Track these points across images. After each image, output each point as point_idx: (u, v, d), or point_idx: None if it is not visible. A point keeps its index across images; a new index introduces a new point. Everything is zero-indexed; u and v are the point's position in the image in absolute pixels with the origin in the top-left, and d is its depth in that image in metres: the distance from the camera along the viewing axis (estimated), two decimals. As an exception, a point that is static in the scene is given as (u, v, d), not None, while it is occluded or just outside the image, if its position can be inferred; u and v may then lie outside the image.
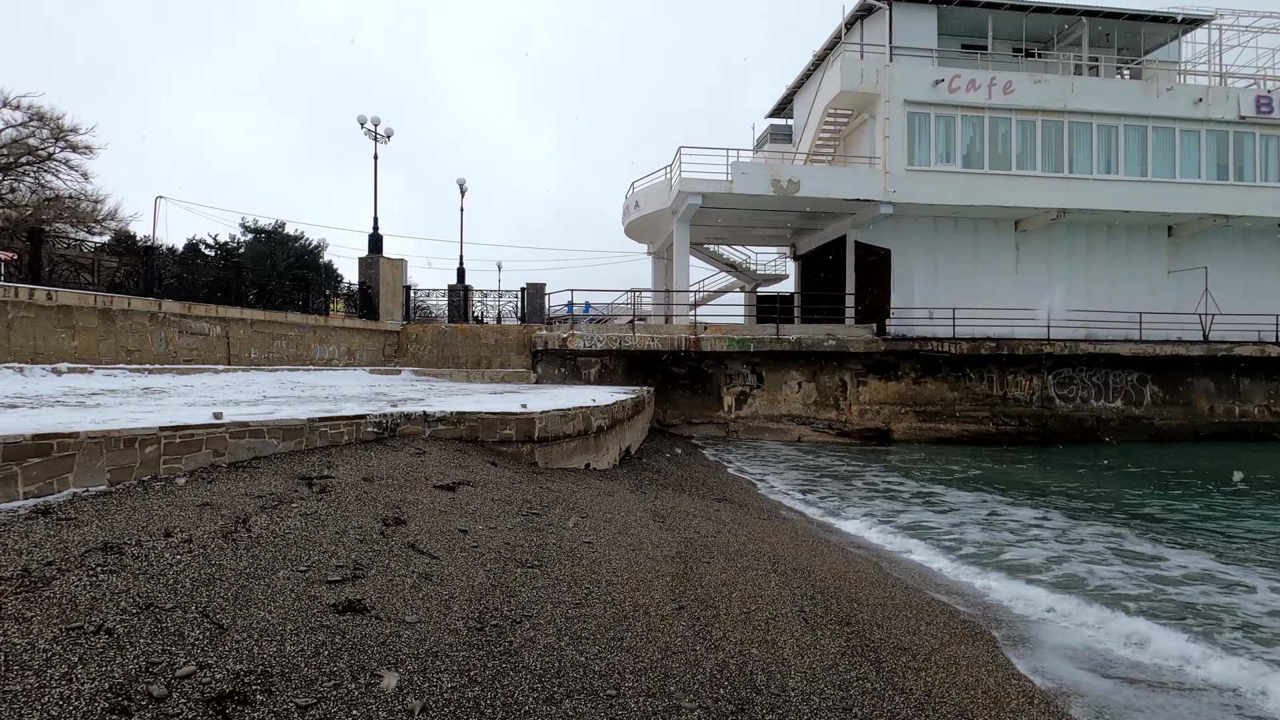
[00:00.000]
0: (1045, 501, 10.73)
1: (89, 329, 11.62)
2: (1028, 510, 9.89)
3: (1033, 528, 8.77)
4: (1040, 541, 8.02)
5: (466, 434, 6.97)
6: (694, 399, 19.40)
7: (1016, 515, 9.54)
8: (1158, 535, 8.44)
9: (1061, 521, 9.17)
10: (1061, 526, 8.86)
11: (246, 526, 3.84)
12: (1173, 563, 7.18)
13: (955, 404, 19.85)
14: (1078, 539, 8.16)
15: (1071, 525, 8.93)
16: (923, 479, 12.81)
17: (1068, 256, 21.45)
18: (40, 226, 10.78)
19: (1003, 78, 19.55)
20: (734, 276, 29.04)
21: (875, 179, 19.22)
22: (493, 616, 3.35)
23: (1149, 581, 6.50)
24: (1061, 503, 10.68)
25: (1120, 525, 8.97)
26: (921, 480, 12.68)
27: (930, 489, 11.76)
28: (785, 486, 11.62)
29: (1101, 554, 7.47)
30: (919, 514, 9.60)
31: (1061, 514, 9.64)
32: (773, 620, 4.06)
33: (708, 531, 6.23)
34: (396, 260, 18.89)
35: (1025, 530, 8.64)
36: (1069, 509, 10.09)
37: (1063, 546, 7.77)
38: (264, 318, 14.70)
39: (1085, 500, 10.98)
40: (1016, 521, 9.15)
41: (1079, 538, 8.21)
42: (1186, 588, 6.36)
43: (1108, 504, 10.65)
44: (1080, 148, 20.16)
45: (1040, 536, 8.29)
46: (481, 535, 4.57)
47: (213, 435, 4.94)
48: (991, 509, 9.99)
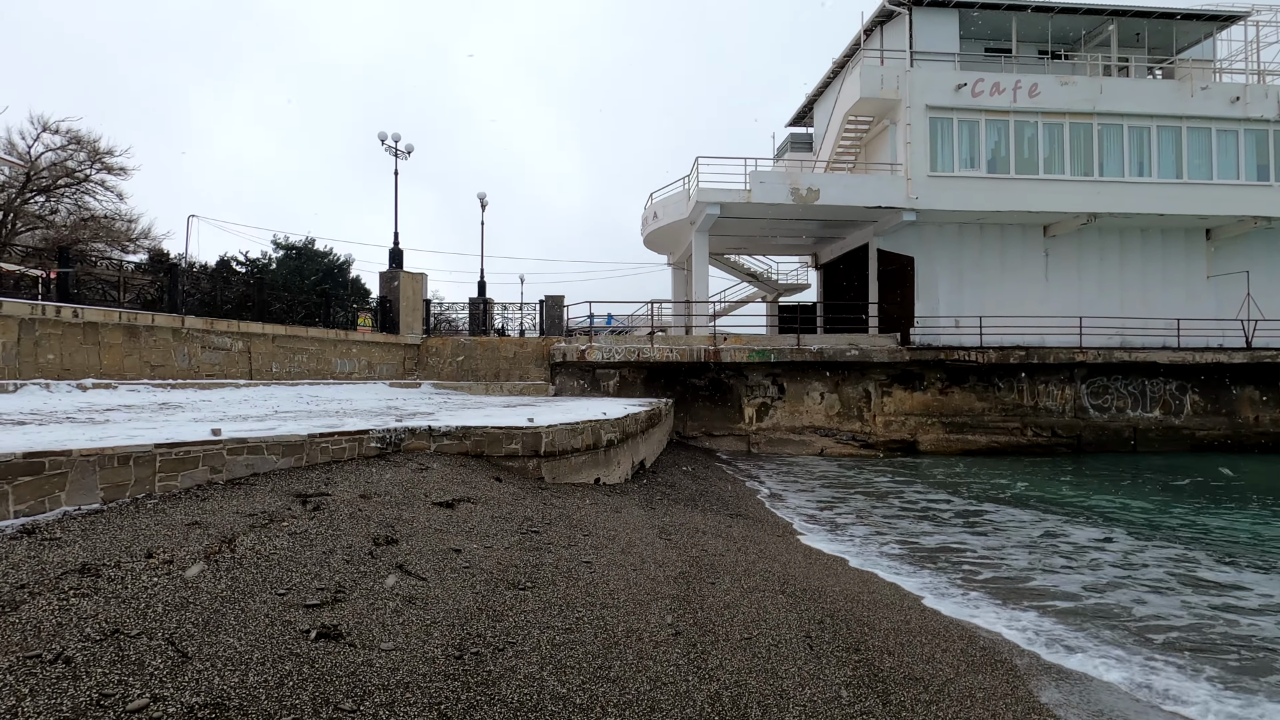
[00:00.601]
0: (1100, 517, 10.02)
1: (114, 345, 11.85)
2: (1086, 530, 9.12)
3: (1090, 550, 8.06)
4: (1093, 568, 7.32)
5: (472, 449, 6.88)
6: (714, 411, 19.16)
7: (1073, 536, 8.79)
8: (1232, 557, 7.75)
9: (1127, 543, 8.44)
10: (1125, 548, 8.15)
11: (231, 547, 3.76)
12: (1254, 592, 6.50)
13: (984, 414, 19.31)
14: (1140, 563, 7.51)
15: (1138, 547, 8.22)
16: (968, 496, 12.04)
17: (1100, 262, 20.81)
18: (67, 246, 11.03)
19: (1028, 80, 19.11)
20: (755, 287, 28.78)
21: (897, 186, 18.89)
22: (474, 643, 3.21)
23: (1218, 616, 5.88)
24: (1118, 516, 10.01)
25: (1190, 547, 8.28)
26: (966, 497, 11.88)
27: (974, 506, 11.05)
28: (803, 502, 11.24)
29: (1166, 582, 6.82)
30: (955, 534, 8.95)
31: (1125, 532, 8.91)
32: (775, 646, 3.86)
33: (716, 550, 6.03)
34: (417, 274, 19.04)
35: (1082, 554, 7.91)
36: (1130, 525, 9.37)
37: (1119, 572, 7.13)
38: (285, 332, 14.88)
39: (1141, 515, 10.28)
40: (1070, 543, 8.42)
41: (1141, 562, 7.58)
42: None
43: (1167, 521, 9.95)
44: (1111, 150, 19.60)
45: (1099, 561, 7.60)
46: (475, 555, 4.44)
47: (210, 452, 4.90)
48: (1046, 529, 9.23)
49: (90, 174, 23.03)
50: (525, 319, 21.74)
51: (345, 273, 36.14)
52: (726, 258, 26.93)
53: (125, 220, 24.39)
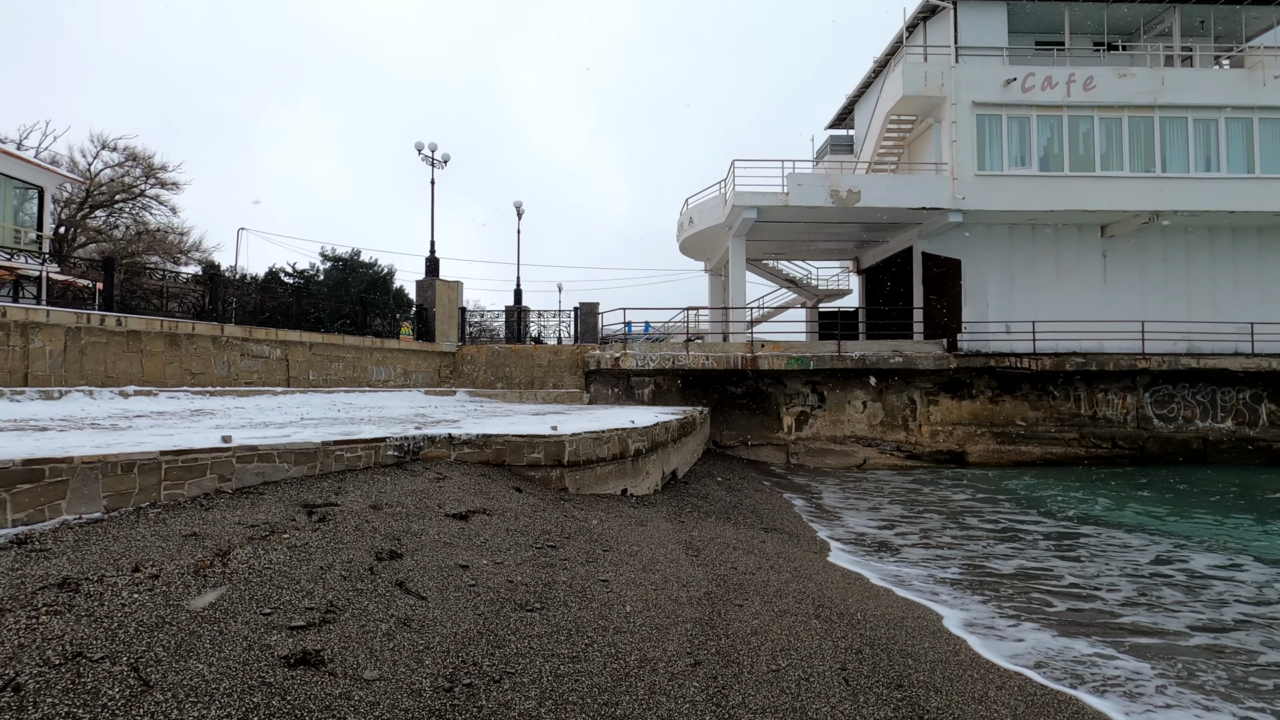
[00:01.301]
0: (1213, 539, 8.91)
1: (156, 353, 12.08)
2: (1205, 555, 8.04)
3: (1216, 581, 7.00)
4: (1217, 604, 6.33)
5: (493, 458, 6.65)
6: (752, 420, 18.66)
7: (1192, 562, 7.74)
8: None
9: (1258, 571, 7.30)
10: (1259, 578, 7.05)
11: (224, 560, 3.57)
12: None
13: (1038, 424, 18.34)
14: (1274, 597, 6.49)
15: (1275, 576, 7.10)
16: (1057, 515, 10.83)
17: (1164, 263, 19.63)
18: (112, 257, 11.29)
19: (1082, 73, 18.19)
20: (794, 292, 28.17)
21: (942, 186, 18.16)
22: (468, 673, 2.92)
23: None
24: (1237, 539, 8.87)
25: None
26: (1057, 516, 10.69)
27: (1067, 526, 9.86)
28: (862, 519, 10.40)
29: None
30: (1039, 558, 8.00)
31: (1253, 560, 7.81)
32: (806, 681, 3.48)
33: (747, 567, 5.65)
34: (452, 283, 19.11)
35: (1205, 585, 6.88)
36: (1262, 552, 8.22)
37: (1251, 609, 6.15)
38: (322, 340, 15.02)
39: (1263, 537, 9.15)
40: (1187, 570, 7.40)
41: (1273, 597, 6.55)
42: None
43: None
44: (1174, 144, 18.49)
45: (1226, 595, 6.56)
46: (484, 571, 4.17)
47: (218, 460, 4.76)
48: (1157, 553, 8.18)
49: (145, 189, 23.93)
50: (561, 327, 21.65)
51: (389, 283, 36.92)
52: (765, 263, 26.41)
53: (178, 233, 25.29)
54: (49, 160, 21.82)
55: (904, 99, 18.55)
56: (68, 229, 23.25)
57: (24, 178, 18.52)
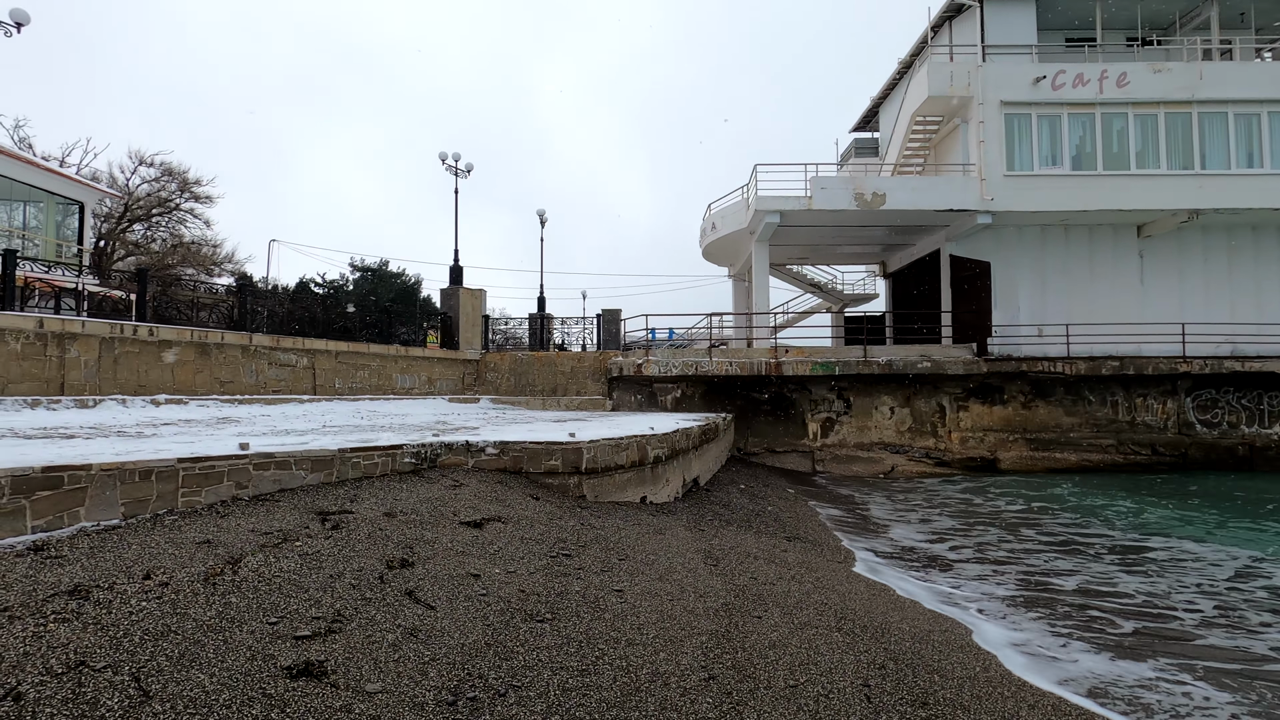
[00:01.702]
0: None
1: (186, 362, 12.32)
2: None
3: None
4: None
5: (510, 465, 6.61)
6: (776, 426, 18.43)
7: (1277, 579, 7.19)
8: None
9: None
10: None
11: (235, 568, 3.55)
12: None
13: (1072, 430, 17.81)
14: None
15: None
16: (1119, 525, 10.27)
17: (1204, 264, 18.98)
18: (145, 269, 11.56)
19: (1115, 70, 17.72)
20: (820, 298, 27.84)
21: (970, 187, 17.80)
22: (473, 686, 2.85)
23: None
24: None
25: None
26: (1118, 526, 10.11)
27: (1135, 539, 9.29)
28: (907, 529, 9.98)
29: None
30: (1102, 572, 7.51)
31: None
32: (825, 697, 3.34)
33: (767, 577, 5.51)
34: (476, 290, 19.24)
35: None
36: None
37: None
38: (347, 349, 15.20)
39: None
40: (1270, 587, 6.84)
41: None
42: None
43: None
44: (1214, 140, 17.89)
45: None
46: (495, 581, 4.11)
47: (235, 467, 4.78)
48: (1237, 568, 7.61)
49: (180, 203, 24.59)
50: (585, 334, 21.64)
51: (416, 292, 37.52)
52: (789, 268, 26.16)
53: (211, 245, 25.92)
54: (89, 176, 22.55)
55: (929, 99, 18.25)
56: (107, 242, 23.98)
57: (66, 194, 19.14)
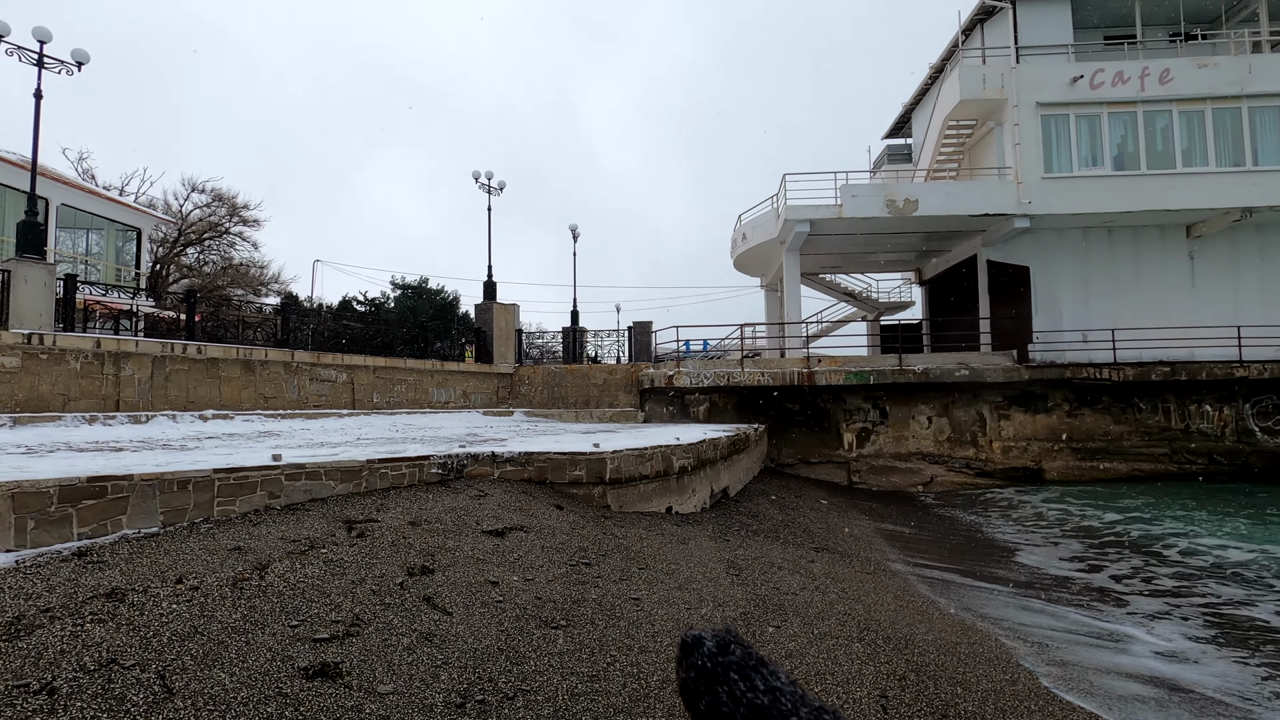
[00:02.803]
0: None
1: (232, 379, 12.81)
2: None
3: None
4: None
5: (535, 475, 6.70)
6: (810, 437, 18.19)
7: None
8: None
9: None
10: None
11: (262, 574, 3.70)
12: None
13: (1122, 439, 17.15)
14: None
15: None
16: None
17: (1260, 264, 18.15)
18: (194, 290, 12.07)
19: (1157, 66, 17.17)
20: (854, 306, 27.47)
21: (1006, 191, 17.41)
22: (482, 690, 2.91)
23: None
24: None
25: None
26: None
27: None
28: (1011, 539, 9.38)
29: None
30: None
31: None
32: (840, 709, 3.30)
33: (790, 587, 5.46)
34: (509, 305, 19.55)
35: None
36: None
37: None
38: (385, 364, 15.60)
39: None
40: None
41: None
42: None
43: None
44: (1267, 135, 17.17)
45: None
46: (513, 588, 4.18)
47: (267, 477, 4.97)
48: None
49: (230, 226, 25.66)
50: (618, 346, 21.76)
51: (455, 309, 38.32)
52: (822, 277, 25.91)
53: (258, 266, 26.96)
54: (146, 204, 23.72)
55: (962, 103, 17.96)
56: (163, 265, 25.14)
57: (124, 220, 20.16)
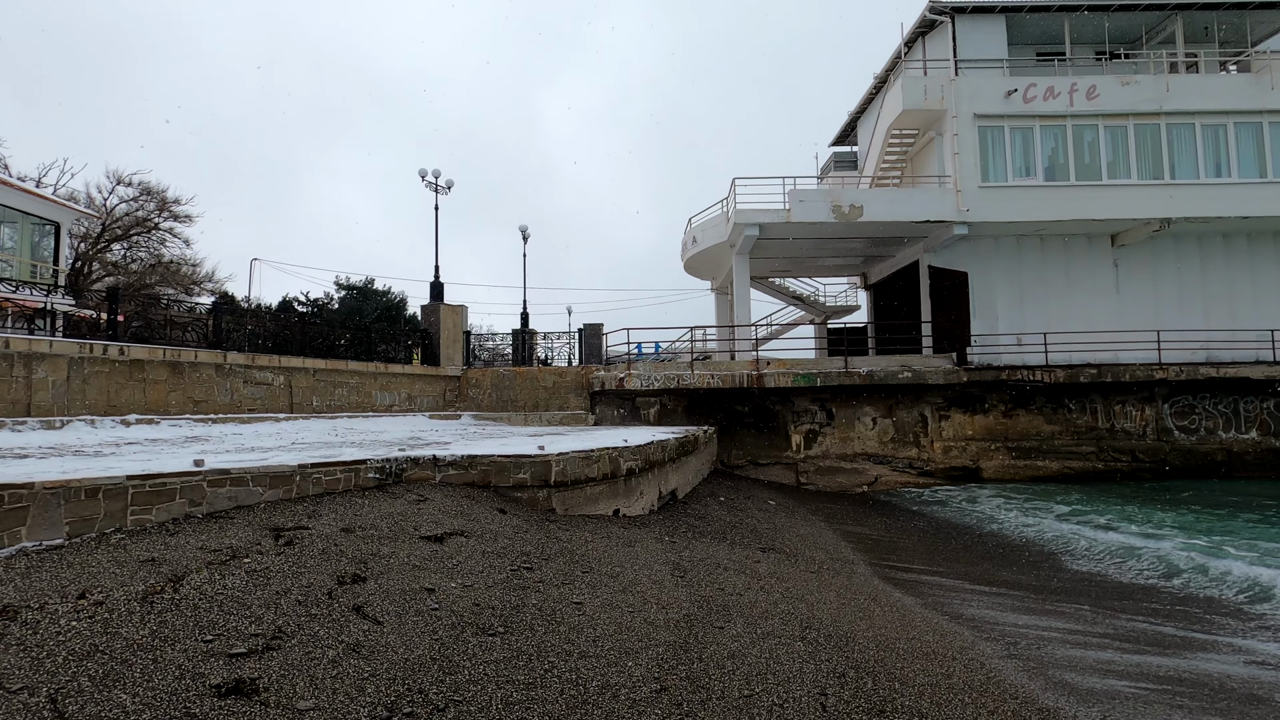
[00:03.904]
0: None
1: (159, 382, 12.15)
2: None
3: None
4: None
5: (478, 479, 6.54)
6: (760, 439, 18.40)
7: None
8: None
9: None
10: None
11: (176, 586, 3.47)
12: None
13: (1054, 438, 17.91)
14: None
15: None
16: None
17: (1178, 272, 19.25)
18: (116, 288, 11.42)
19: (1085, 83, 18.06)
20: (802, 310, 27.98)
21: (946, 199, 18.01)
22: (410, 702, 2.78)
23: None
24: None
25: None
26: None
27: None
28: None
29: None
30: None
31: None
32: (779, 707, 3.29)
33: (735, 588, 5.46)
34: (457, 306, 19.18)
35: None
36: None
37: None
38: (325, 366, 15.07)
39: None
40: None
41: None
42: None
43: None
44: (1182, 151, 18.24)
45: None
46: (451, 595, 4.04)
47: (189, 484, 4.69)
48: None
49: (159, 222, 24.44)
50: (569, 349, 21.58)
51: (401, 310, 37.43)
52: (771, 281, 26.31)
53: (190, 264, 25.76)
54: (66, 196, 22.37)
55: (905, 113, 18.51)
56: (85, 262, 23.76)
57: (41, 214, 18.96)
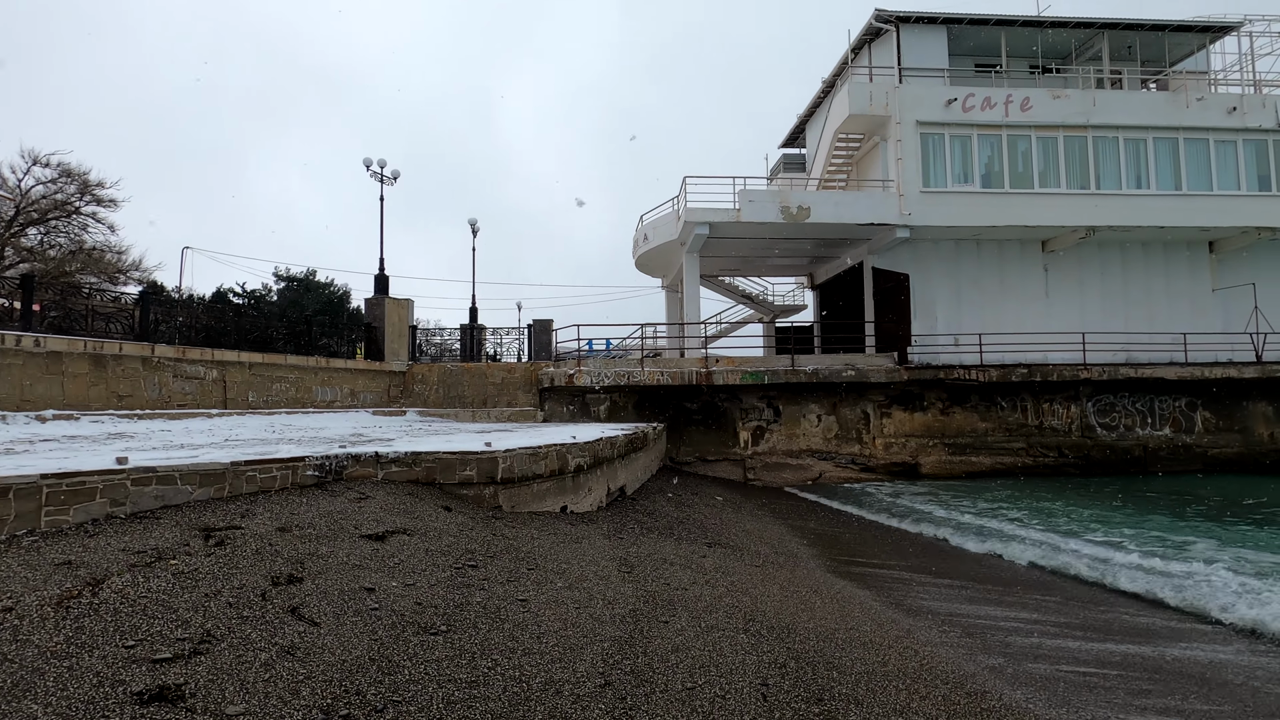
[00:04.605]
0: None
1: (79, 375, 11.48)
2: None
3: None
4: None
5: (423, 476, 6.41)
6: (708, 435, 18.61)
7: None
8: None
9: None
10: None
11: (95, 590, 3.29)
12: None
13: (987, 435, 18.69)
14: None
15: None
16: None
17: (1101, 277, 20.34)
18: (32, 276, 10.73)
19: (1019, 94, 18.88)
20: (751, 308, 28.41)
21: (889, 202, 18.56)
22: (348, 704, 2.72)
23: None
24: None
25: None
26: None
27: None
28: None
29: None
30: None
31: None
32: (722, 698, 3.35)
33: (680, 583, 5.51)
34: (402, 300, 18.75)
35: None
36: None
37: None
38: (262, 360, 14.52)
39: None
40: None
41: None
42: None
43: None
44: (1107, 163, 19.27)
45: None
46: (392, 594, 3.96)
47: (110, 483, 4.45)
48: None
49: (80, 206, 23.01)
50: (519, 345, 21.36)
51: (345, 303, 36.26)
52: (721, 279, 26.61)
53: (115, 251, 24.34)
54: (-27, 177, 20.83)
55: (851, 117, 18.97)
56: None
57: (-55, 194, 17.65)
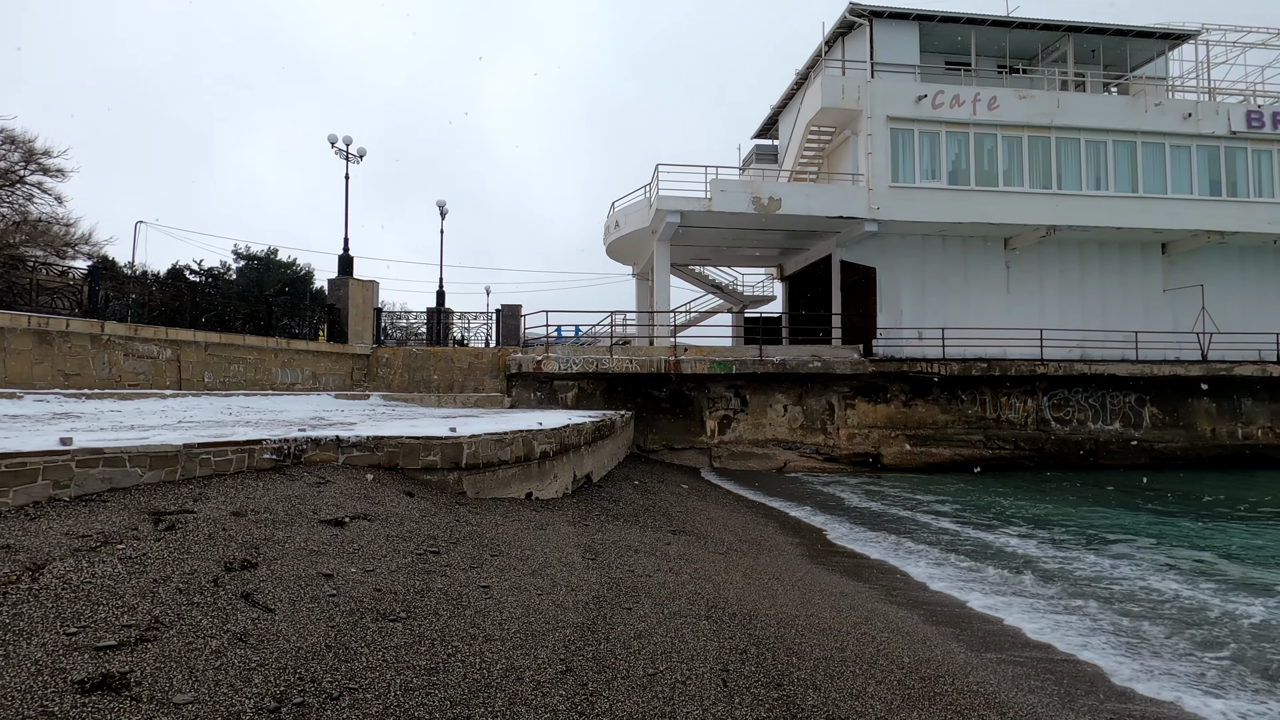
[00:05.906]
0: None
1: (22, 352, 11.02)
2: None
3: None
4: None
5: (385, 461, 6.31)
6: (675, 424, 18.70)
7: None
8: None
9: None
10: None
11: (35, 575, 3.17)
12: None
13: (947, 427, 19.14)
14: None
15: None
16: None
17: (1060, 275, 20.90)
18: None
19: (987, 93, 19.21)
20: (721, 298, 28.53)
21: (859, 196, 18.77)
22: (302, 691, 2.66)
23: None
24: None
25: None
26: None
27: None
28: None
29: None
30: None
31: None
32: (683, 684, 3.37)
33: (644, 570, 5.53)
34: (367, 282, 18.37)
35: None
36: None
37: None
38: (219, 340, 14.10)
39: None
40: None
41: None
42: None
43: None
44: (1068, 164, 19.75)
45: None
46: (350, 580, 3.89)
47: (53, 464, 4.28)
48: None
49: (25, 175, 21.96)
50: (487, 330, 21.12)
51: (308, 283, 35.35)
52: (691, 269, 26.64)
53: (63, 224, 23.31)
54: (-90, 140, 19.72)
55: (823, 110, 19.09)
56: (-67, 217, 21.05)
57: (-123, 158, 16.67)
